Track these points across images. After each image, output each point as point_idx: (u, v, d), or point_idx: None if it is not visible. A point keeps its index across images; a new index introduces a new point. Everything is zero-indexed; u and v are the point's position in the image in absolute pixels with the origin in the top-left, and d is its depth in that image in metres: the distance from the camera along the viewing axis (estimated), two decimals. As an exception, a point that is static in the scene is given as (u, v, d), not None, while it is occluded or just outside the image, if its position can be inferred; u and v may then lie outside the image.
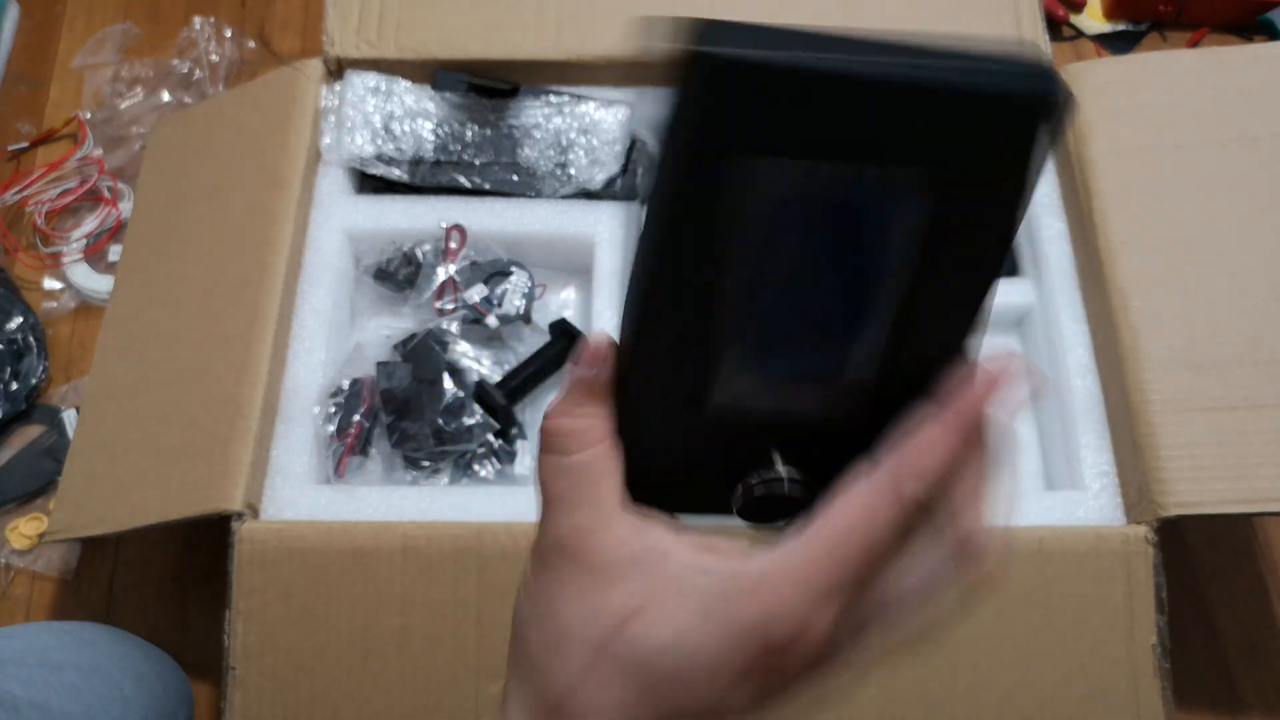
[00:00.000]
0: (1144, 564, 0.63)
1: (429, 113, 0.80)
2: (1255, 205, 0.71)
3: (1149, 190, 0.73)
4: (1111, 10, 1.19)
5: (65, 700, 0.56)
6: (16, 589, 0.85)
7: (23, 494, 0.88)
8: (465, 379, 0.72)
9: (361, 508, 0.65)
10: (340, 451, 0.68)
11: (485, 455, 0.71)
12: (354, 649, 0.62)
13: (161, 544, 0.87)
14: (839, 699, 0.62)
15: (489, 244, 0.77)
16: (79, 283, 0.96)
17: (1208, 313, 0.68)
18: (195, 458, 0.66)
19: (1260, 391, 0.66)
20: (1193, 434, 0.65)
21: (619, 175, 0.78)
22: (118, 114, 1.03)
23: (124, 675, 0.60)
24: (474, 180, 0.78)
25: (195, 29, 1.07)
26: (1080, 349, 0.72)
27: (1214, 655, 0.84)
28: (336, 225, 0.76)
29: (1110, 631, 0.62)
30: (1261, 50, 0.78)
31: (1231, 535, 0.89)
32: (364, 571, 0.62)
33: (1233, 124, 0.74)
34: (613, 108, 0.79)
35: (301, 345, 0.72)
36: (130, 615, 0.84)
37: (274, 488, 0.66)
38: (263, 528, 0.62)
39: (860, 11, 0.82)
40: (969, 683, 0.62)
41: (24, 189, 1.00)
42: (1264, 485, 0.63)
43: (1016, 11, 0.82)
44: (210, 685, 0.81)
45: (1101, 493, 0.67)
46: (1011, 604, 0.63)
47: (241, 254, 0.73)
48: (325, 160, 0.78)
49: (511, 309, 0.75)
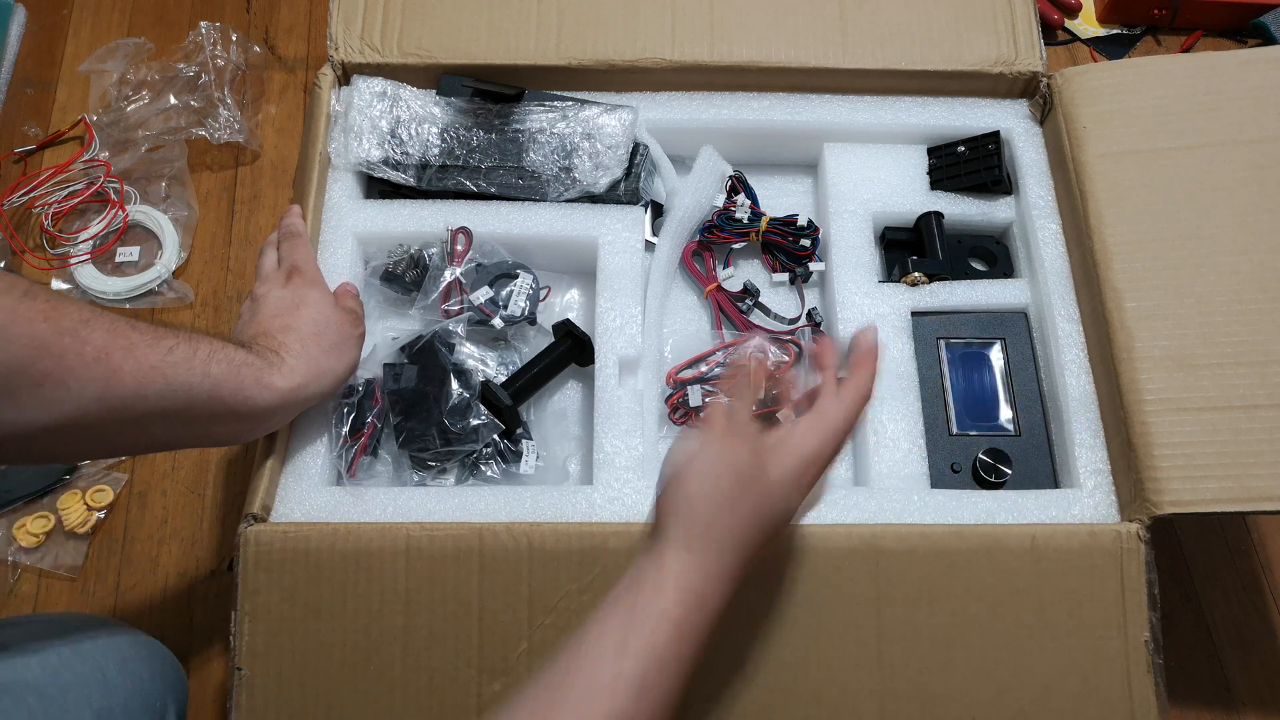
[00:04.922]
0: (1136, 561, 0.64)
1: (435, 118, 0.80)
2: (1248, 207, 0.72)
3: (1143, 193, 0.74)
4: (1106, 15, 1.20)
5: (42, 680, 0.57)
6: (24, 587, 0.86)
7: (30, 493, 0.89)
8: (471, 380, 0.72)
9: (370, 509, 0.66)
10: (354, 451, 0.69)
11: (491, 455, 0.72)
12: (358, 649, 0.62)
13: (167, 542, 0.88)
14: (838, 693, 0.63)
15: (494, 246, 0.77)
16: (86, 284, 0.97)
17: (1201, 313, 0.69)
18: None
19: (1253, 391, 0.66)
20: (1186, 433, 0.66)
21: (622, 179, 0.79)
22: (124, 117, 1.04)
23: (108, 660, 0.60)
24: (480, 184, 0.79)
25: (201, 33, 1.08)
26: (1075, 349, 0.73)
27: (1207, 652, 0.85)
28: (347, 229, 0.77)
29: (1104, 628, 0.63)
30: (1255, 54, 0.79)
31: (1225, 533, 0.90)
32: (368, 572, 0.63)
33: (1226, 127, 0.75)
34: (616, 112, 0.79)
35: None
36: (136, 613, 0.85)
37: (286, 488, 0.67)
38: (269, 530, 0.63)
39: (859, 13, 0.83)
40: (964, 678, 0.63)
41: (31, 191, 1.01)
42: (1257, 484, 0.64)
43: (1011, 16, 0.83)
44: (217, 683, 0.82)
45: (1096, 491, 0.68)
46: (1005, 601, 0.63)
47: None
48: (334, 165, 0.79)
49: (517, 310, 0.76)
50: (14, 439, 0.50)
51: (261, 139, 1.08)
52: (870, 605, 0.63)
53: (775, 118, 0.83)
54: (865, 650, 0.63)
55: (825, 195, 0.83)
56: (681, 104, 0.83)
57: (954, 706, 0.63)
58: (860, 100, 0.83)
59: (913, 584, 0.63)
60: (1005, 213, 0.82)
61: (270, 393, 0.58)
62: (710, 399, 0.75)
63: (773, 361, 0.76)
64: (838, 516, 0.66)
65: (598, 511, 0.66)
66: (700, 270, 0.82)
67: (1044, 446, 0.73)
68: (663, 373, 0.76)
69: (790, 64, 0.81)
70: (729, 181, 0.84)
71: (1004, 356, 0.77)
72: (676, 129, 0.83)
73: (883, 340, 0.75)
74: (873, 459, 0.71)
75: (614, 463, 0.69)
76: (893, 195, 0.82)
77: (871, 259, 0.79)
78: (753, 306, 0.80)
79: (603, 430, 0.70)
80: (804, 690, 0.63)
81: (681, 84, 0.83)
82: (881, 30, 0.82)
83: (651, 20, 0.82)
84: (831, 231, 0.80)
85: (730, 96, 0.83)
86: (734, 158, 0.84)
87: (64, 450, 0.53)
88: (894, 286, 0.78)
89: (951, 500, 0.67)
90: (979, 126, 0.82)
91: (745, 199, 0.83)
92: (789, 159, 0.87)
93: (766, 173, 0.87)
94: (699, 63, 0.81)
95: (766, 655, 0.63)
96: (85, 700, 0.58)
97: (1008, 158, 0.82)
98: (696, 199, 0.81)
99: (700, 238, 0.82)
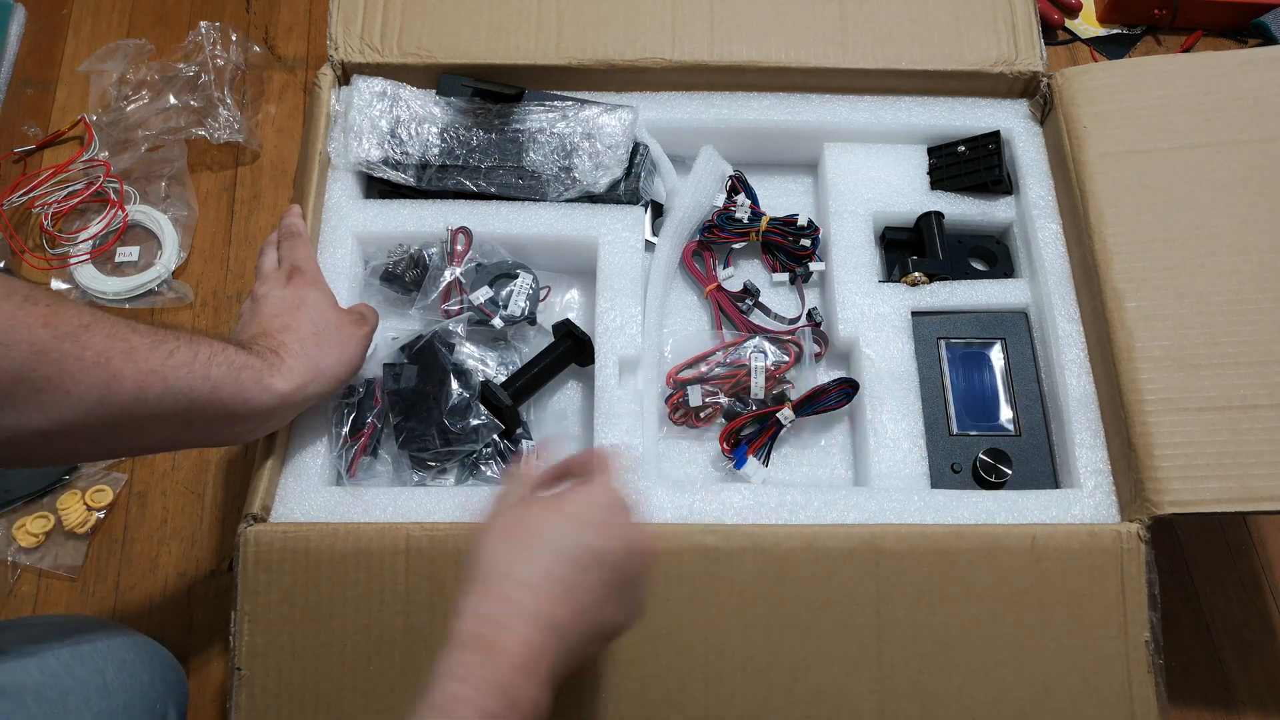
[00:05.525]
0: (1137, 561, 0.64)
1: (434, 117, 0.80)
2: (1249, 207, 0.72)
3: (1144, 193, 0.74)
4: (1106, 14, 1.20)
5: (42, 684, 0.56)
6: (23, 587, 0.86)
7: (30, 493, 0.89)
8: (471, 380, 0.72)
9: (370, 509, 0.66)
10: (354, 451, 0.69)
11: (491, 455, 0.72)
12: (358, 649, 0.62)
13: (166, 542, 0.88)
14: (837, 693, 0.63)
15: (494, 246, 0.77)
16: (86, 284, 0.97)
17: (1202, 313, 0.69)
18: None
19: (1253, 391, 0.66)
20: (1187, 433, 0.66)
21: (622, 179, 0.79)
22: (124, 116, 1.04)
23: (107, 662, 0.60)
24: (479, 184, 0.79)
25: (201, 33, 1.08)
26: (1075, 349, 0.73)
27: (1207, 652, 0.85)
28: (347, 229, 0.77)
29: (1104, 627, 0.63)
30: (1255, 54, 0.79)
31: (1225, 533, 0.90)
32: (367, 572, 0.63)
33: (1227, 127, 0.75)
34: (616, 112, 0.79)
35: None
36: (136, 613, 0.85)
37: (286, 488, 0.67)
38: (268, 531, 0.63)
39: (859, 13, 0.83)
40: (964, 678, 0.63)
41: (31, 191, 1.01)
42: (1257, 484, 0.64)
43: (1012, 16, 0.83)
44: (216, 683, 0.82)
45: (1096, 490, 0.68)
46: (1005, 601, 0.63)
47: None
48: (334, 165, 0.79)
49: (517, 310, 0.76)
50: (13, 443, 0.50)
51: (261, 139, 1.08)
52: (870, 605, 0.63)
53: (775, 118, 0.83)
54: (865, 650, 0.63)
55: (825, 195, 0.83)
56: (681, 104, 0.83)
57: (954, 706, 0.63)
58: (860, 100, 0.83)
59: (913, 584, 0.63)
60: (1005, 213, 0.82)
61: (270, 394, 0.59)
62: (710, 398, 0.75)
63: (773, 362, 0.76)
64: (838, 517, 0.66)
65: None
66: (700, 270, 0.82)
67: (1044, 446, 0.73)
68: (663, 373, 0.76)
69: (790, 64, 0.81)
70: (729, 181, 0.84)
71: (1004, 356, 0.77)
72: (676, 129, 0.83)
73: (883, 340, 0.75)
74: (873, 459, 0.71)
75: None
76: (893, 195, 0.82)
77: (871, 259, 0.79)
78: (753, 306, 0.80)
79: (603, 430, 0.70)
80: (803, 690, 0.63)
81: (681, 84, 0.83)
82: (881, 30, 0.82)
83: (651, 20, 0.82)
84: (831, 231, 0.80)
85: (730, 96, 0.83)
86: (734, 158, 0.84)
87: (63, 453, 0.53)
88: (894, 286, 0.78)
89: (951, 500, 0.67)
90: (979, 126, 0.82)
91: (745, 199, 0.83)
92: (789, 159, 0.87)
93: (766, 173, 0.87)
94: (699, 63, 0.81)
95: (766, 654, 0.63)
96: (85, 703, 0.57)
97: (1008, 158, 0.82)
98: (696, 199, 0.81)
99: (700, 238, 0.82)
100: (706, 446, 0.76)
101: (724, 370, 0.76)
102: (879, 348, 0.75)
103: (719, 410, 0.75)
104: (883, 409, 0.73)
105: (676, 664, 0.63)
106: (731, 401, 0.75)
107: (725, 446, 0.73)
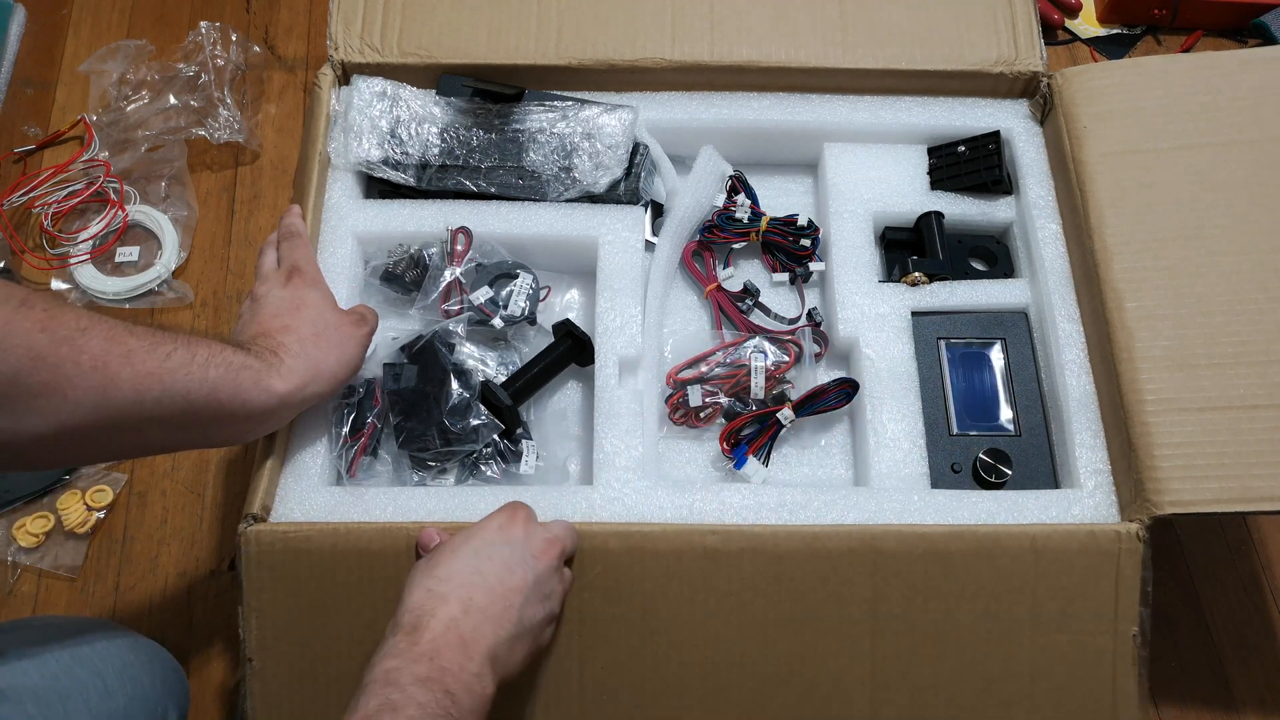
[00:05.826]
0: (1133, 560, 0.64)
1: (435, 118, 0.80)
2: (1248, 207, 0.72)
3: (1143, 192, 0.74)
4: (1106, 14, 1.20)
5: (42, 686, 0.56)
6: (23, 586, 0.86)
7: (30, 493, 0.89)
8: (471, 380, 0.72)
9: (370, 509, 0.66)
10: (354, 451, 0.69)
11: (491, 455, 0.72)
12: (362, 645, 0.63)
13: (166, 542, 0.88)
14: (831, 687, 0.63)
15: (494, 246, 0.77)
16: (86, 284, 0.97)
17: (1201, 313, 0.69)
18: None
19: (1253, 391, 0.66)
20: (1187, 433, 0.66)
21: (622, 179, 0.79)
22: (124, 116, 1.04)
23: (108, 665, 0.60)
24: (479, 184, 0.79)
25: (201, 33, 1.08)
26: (1075, 349, 0.73)
27: (1208, 652, 0.85)
28: (347, 229, 0.77)
29: (1094, 622, 0.64)
30: (1255, 54, 0.79)
31: (1225, 533, 0.90)
32: (369, 571, 0.63)
33: (1226, 127, 0.75)
34: (616, 112, 0.79)
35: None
36: (136, 613, 0.85)
37: (286, 488, 0.67)
38: (268, 531, 0.63)
39: (859, 13, 0.83)
40: (953, 669, 0.64)
41: (31, 190, 1.01)
42: (1258, 484, 0.64)
43: (1012, 16, 0.83)
44: (217, 683, 0.82)
45: (1096, 490, 0.68)
46: (999, 598, 0.64)
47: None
48: (334, 165, 0.79)
49: (517, 310, 0.76)
50: (11, 447, 0.50)
51: (261, 139, 1.08)
52: (866, 604, 0.63)
53: (775, 118, 0.83)
54: (859, 644, 0.64)
55: (825, 195, 0.83)
56: (681, 104, 0.83)
57: (941, 695, 0.64)
58: (860, 100, 0.83)
59: (912, 584, 0.64)
60: (1005, 213, 0.82)
61: (269, 395, 0.59)
62: (710, 398, 0.75)
63: (773, 362, 0.76)
64: (837, 517, 0.66)
65: (598, 511, 0.66)
66: (700, 270, 0.82)
67: (1044, 447, 0.73)
68: (663, 373, 0.76)
69: (790, 64, 0.81)
70: (729, 181, 0.84)
71: (1004, 356, 0.77)
72: (676, 129, 0.83)
73: (883, 340, 0.75)
74: (873, 459, 0.71)
75: (614, 463, 0.69)
76: (893, 195, 0.82)
77: (872, 259, 0.79)
78: (753, 306, 0.80)
79: (603, 430, 0.70)
80: (798, 682, 0.64)
81: (681, 84, 0.83)
82: (881, 30, 0.82)
83: (651, 20, 0.82)
84: (831, 231, 0.80)
85: (730, 96, 0.83)
86: (734, 158, 0.84)
87: (62, 456, 0.53)
88: (894, 286, 0.78)
89: (951, 500, 0.67)
90: (979, 126, 0.82)
91: (745, 199, 0.83)
92: (789, 159, 0.87)
93: (766, 173, 0.87)
94: (699, 63, 0.81)
95: (764, 652, 0.63)
96: (85, 706, 0.58)
97: (1008, 158, 0.82)
98: (696, 199, 0.81)
99: (700, 238, 0.82)
100: (706, 446, 0.76)
101: (724, 370, 0.76)
102: (879, 348, 0.75)
103: (719, 410, 0.75)
104: (883, 409, 0.73)
105: (676, 663, 0.63)
106: (731, 401, 0.75)
107: (725, 446, 0.73)
